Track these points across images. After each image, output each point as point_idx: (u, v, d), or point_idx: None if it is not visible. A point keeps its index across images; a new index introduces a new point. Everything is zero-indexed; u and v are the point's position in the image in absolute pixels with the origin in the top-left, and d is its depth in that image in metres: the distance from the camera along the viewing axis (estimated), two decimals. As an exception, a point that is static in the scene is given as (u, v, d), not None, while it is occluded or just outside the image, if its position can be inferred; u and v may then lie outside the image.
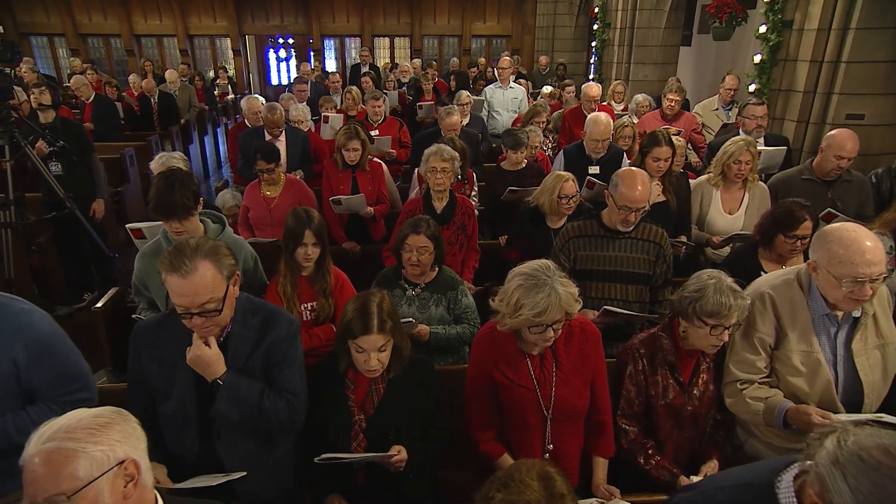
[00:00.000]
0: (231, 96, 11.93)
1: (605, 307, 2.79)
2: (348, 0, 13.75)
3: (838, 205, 3.73)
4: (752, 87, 5.88)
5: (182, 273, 1.71)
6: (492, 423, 2.18)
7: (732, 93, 5.86)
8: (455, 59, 11.51)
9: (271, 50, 17.17)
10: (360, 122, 5.26)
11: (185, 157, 3.56)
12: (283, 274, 2.88)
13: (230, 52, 14.10)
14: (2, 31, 12.93)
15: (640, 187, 2.73)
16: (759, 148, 4.30)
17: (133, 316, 2.84)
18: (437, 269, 2.98)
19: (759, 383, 2.18)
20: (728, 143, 3.73)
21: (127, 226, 3.27)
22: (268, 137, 5.08)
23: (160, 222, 2.61)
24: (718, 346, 2.13)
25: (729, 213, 3.83)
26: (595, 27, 10.90)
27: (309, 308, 2.92)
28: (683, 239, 3.74)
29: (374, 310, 1.96)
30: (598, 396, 2.19)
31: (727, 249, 3.78)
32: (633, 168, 2.87)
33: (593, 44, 11.12)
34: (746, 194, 3.82)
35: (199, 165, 9.80)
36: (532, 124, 5.63)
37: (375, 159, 4.68)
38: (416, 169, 4.37)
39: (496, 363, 2.12)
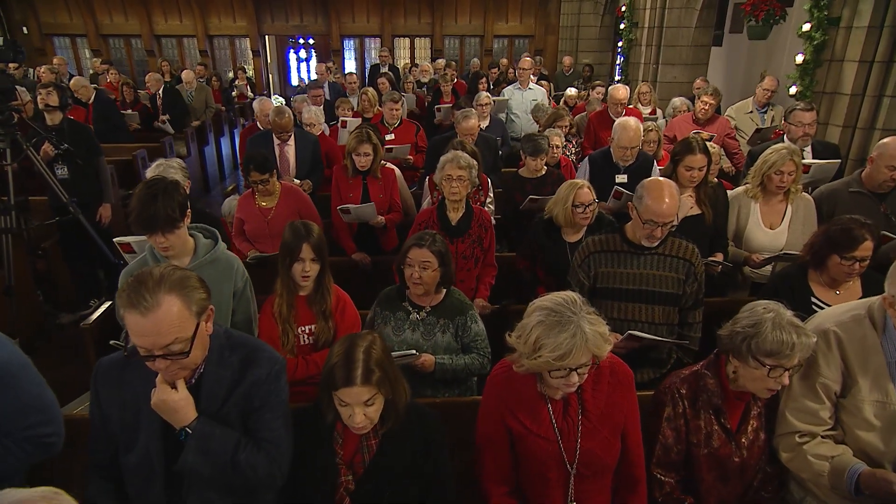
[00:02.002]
0: (250, 97, 11.80)
1: (630, 332, 2.50)
2: (368, 0, 13.55)
3: (893, 220, 3.38)
4: (793, 90, 5.49)
5: (142, 310, 1.46)
6: (507, 477, 1.90)
7: (769, 94, 5.49)
8: (476, 59, 11.21)
9: (292, 50, 17.12)
10: (373, 126, 5.03)
11: (184, 165, 3.34)
12: (278, 293, 2.63)
13: (249, 53, 14.00)
14: (26, 32, 13.07)
15: (667, 199, 2.43)
16: (807, 161, 3.96)
17: (111, 342, 2.60)
18: (444, 291, 2.70)
19: (823, 437, 1.87)
20: (769, 151, 3.39)
21: (115, 239, 3.06)
22: (276, 142, 4.87)
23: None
24: (775, 391, 1.83)
25: (770, 227, 3.49)
26: (622, 26, 10.51)
27: (307, 331, 2.67)
28: (719, 258, 3.41)
29: (360, 357, 1.68)
30: (630, 447, 1.90)
31: (768, 268, 3.44)
32: (661, 178, 2.57)
33: (619, 44, 10.72)
34: (789, 207, 3.48)
35: (215, 167, 9.68)
36: (554, 128, 5.35)
37: (388, 165, 4.42)
38: (428, 176, 4.10)
39: (512, 409, 1.84)
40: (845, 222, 2.54)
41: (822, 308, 2.60)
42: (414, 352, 2.51)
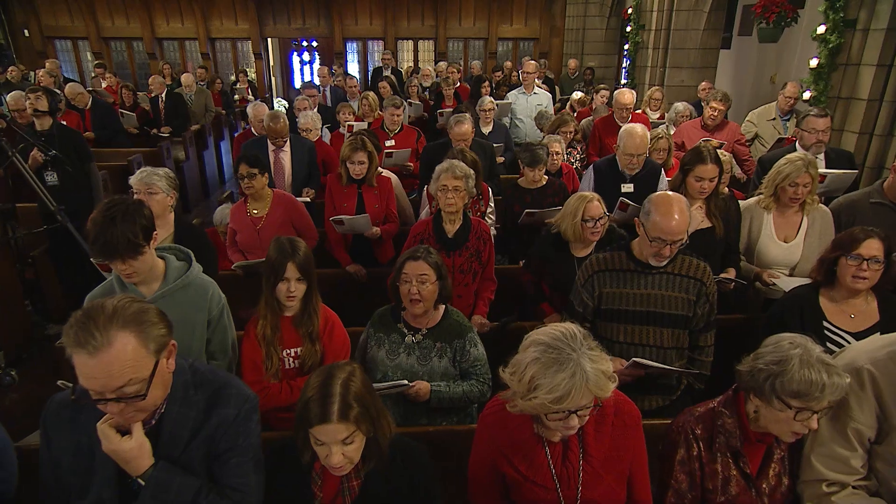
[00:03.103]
0: (251, 100, 11.68)
1: (635, 359, 2.33)
2: (371, 2, 13.40)
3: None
4: (806, 95, 5.29)
5: (90, 349, 1.30)
6: (501, 526, 1.73)
7: (792, 101, 5.28)
8: (476, 62, 11.03)
9: (295, 53, 17.00)
10: (371, 132, 4.88)
11: (171, 174, 3.16)
12: (262, 314, 2.47)
13: (252, 56, 13.89)
14: (27, 35, 13.01)
15: (676, 216, 2.26)
16: (823, 171, 3.77)
17: (59, 382, 2.41)
18: (442, 310, 2.53)
19: (854, 487, 1.68)
20: (783, 161, 3.20)
21: (92, 258, 2.90)
22: (271, 148, 4.72)
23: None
24: (801, 435, 1.65)
25: (784, 240, 3.31)
26: (628, 29, 10.33)
27: (292, 354, 2.51)
28: (731, 274, 3.23)
29: (337, 391, 1.52)
30: (638, 495, 1.73)
31: (784, 282, 3.24)
32: (670, 193, 2.39)
33: (626, 47, 10.55)
34: (805, 219, 3.29)
35: (215, 172, 9.56)
36: (558, 135, 5.18)
37: (384, 174, 4.26)
38: (426, 186, 3.94)
39: (506, 452, 1.67)
40: (850, 229, 2.47)
41: (835, 334, 2.43)
42: (406, 382, 2.35)
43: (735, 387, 1.78)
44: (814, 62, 5.31)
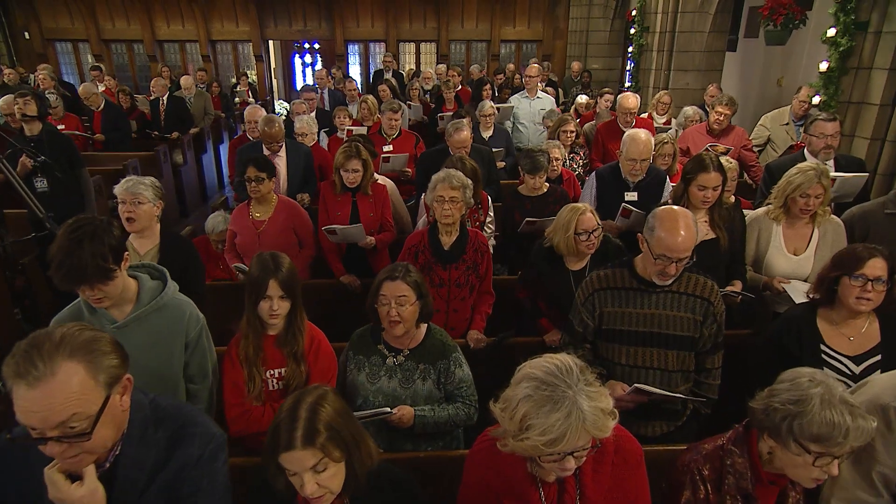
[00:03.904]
0: (251, 102, 11.57)
1: (637, 385, 2.19)
2: (373, 4, 13.28)
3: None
4: (816, 99, 5.14)
5: (30, 380, 1.18)
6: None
7: (806, 106, 5.12)
8: (475, 66, 10.88)
9: (297, 55, 16.92)
10: (365, 138, 4.77)
11: (158, 184, 3.05)
12: (244, 333, 2.35)
13: (252, 58, 13.80)
14: (27, 38, 12.97)
15: (682, 232, 2.12)
16: (832, 174, 3.62)
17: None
18: (424, 329, 2.41)
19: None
20: (794, 171, 3.05)
21: (58, 285, 2.78)
22: (266, 153, 4.60)
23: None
24: (821, 481, 1.51)
25: (794, 253, 3.17)
26: (632, 31, 10.19)
27: (276, 375, 2.39)
28: (737, 287, 3.09)
29: (303, 415, 1.42)
30: (639, 539, 1.59)
31: (795, 290, 3.08)
32: (675, 207, 2.24)
33: (629, 49, 10.40)
34: (816, 231, 3.15)
35: (214, 176, 9.45)
36: (559, 136, 5.04)
37: (380, 180, 4.14)
38: (423, 195, 3.82)
39: (497, 493, 1.55)
40: (851, 246, 2.37)
41: (833, 358, 2.30)
42: (388, 409, 2.22)
43: (746, 422, 1.65)
44: (824, 66, 5.16)
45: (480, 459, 1.59)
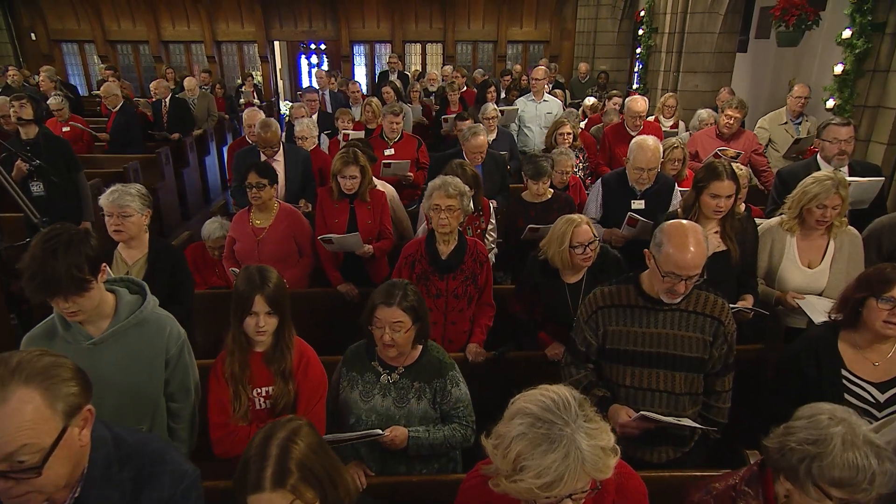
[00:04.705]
0: (256, 104, 11.51)
1: (643, 413, 2.07)
2: (379, 4, 13.19)
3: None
4: (830, 103, 4.99)
5: None
6: None
7: (802, 101, 5.00)
8: (478, 70, 10.77)
9: (304, 56, 16.87)
10: (365, 142, 4.67)
11: (146, 192, 2.95)
12: (229, 350, 2.25)
13: (258, 59, 13.75)
14: (34, 38, 12.98)
15: (692, 248, 1.99)
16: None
17: None
18: (420, 346, 2.30)
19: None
20: (810, 180, 2.91)
21: (30, 298, 2.69)
22: (263, 157, 4.51)
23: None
24: None
25: (808, 266, 3.02)
26: (640, 32, 10.03)
27: (263, 394, 2.28)
28: (749, 302, 2.95)
29: (274, 452, 1.32)
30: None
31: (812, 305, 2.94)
32: (684, 222, 2.11)
33: (638, 50, 10.24)
34: (832, 242, 3.00)
35: (217, 178, 9.39)
36: (557, 139, 4.93)
37: (380, 186, 4.04)
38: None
39: (488, 533, 1.43)
40: (877, 267, 2.19)
41: (855, 384, 2.16)
42: (379, 431, 2.11)
43: (760, 461, 1.52)
44: (838, 68, 5.00)
45: (472, 497, 1.48)
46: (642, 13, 9.86)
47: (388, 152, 5.14)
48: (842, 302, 2.21)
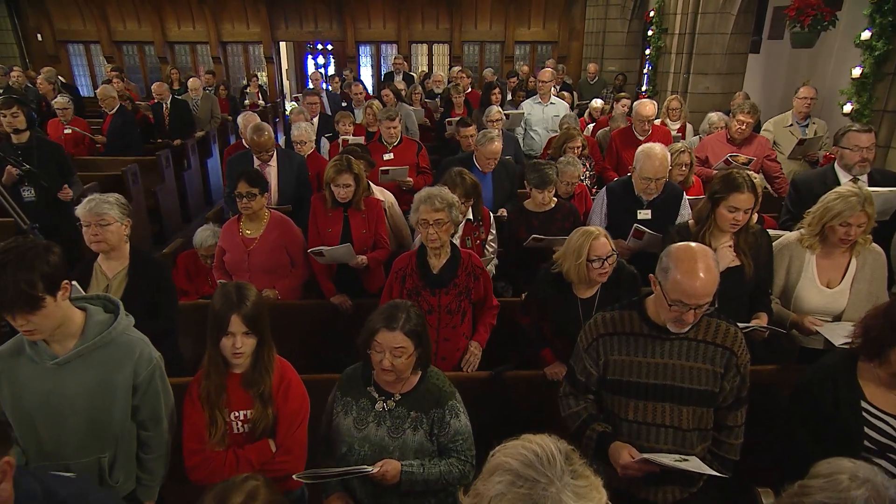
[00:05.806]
0: (261, 105, 11.42)
1: (645, 456, 1.90)
2: (384, 5, 13.06)
3: None
4: (847, 108, 4.79)
5: None
6: None
7: (808, 102, 4.83)
8: (489, 70, 10.59)
9: (310, 57, 16.77)
10: (364, 148, 4.54)
11: (124, 201, 2.82)
12: (205, 372, 2.11)
13: (263, 60, 13.67)
14: (40, 39, 12.98)
15: (702, 275, 1.82)
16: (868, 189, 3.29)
17: None
18: (419, 372, 2.15)
19: None
20: (833, 195, 2.70)
21: None
22: (256, 163, 4.38)
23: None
24: None
25: (827, 286, 2.83)
26: (650, 33, 9.83)
27: (241, 417, 2.15)
28: (763, 321, 2.78)
29: None
30: None
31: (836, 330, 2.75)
32: (693, 245, 1.92)
33: (647, 51, 10.04)
34: (853, 261, 2.81)
35: (220, 180, 9.28)
36: (566, 152, 4.76)
37: (376, 193, 3.90)
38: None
39: None
40: None
41: (877, 417, 1.98)
42: (368, 468, 1.96)
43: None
44: (857, 71, 4.80)
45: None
46: (652, 13, 9.66)
47: (387, 157, 5.00)
48: (864, 331, 2.02)
